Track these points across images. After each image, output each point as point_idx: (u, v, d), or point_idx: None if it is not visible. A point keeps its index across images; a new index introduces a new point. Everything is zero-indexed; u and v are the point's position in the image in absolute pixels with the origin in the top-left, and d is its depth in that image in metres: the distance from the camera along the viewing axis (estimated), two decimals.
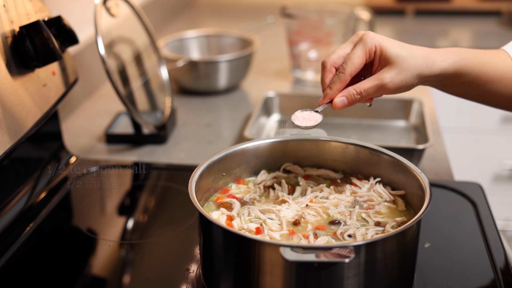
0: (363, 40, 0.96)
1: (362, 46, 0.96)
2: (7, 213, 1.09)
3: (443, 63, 0.98)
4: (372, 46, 0.96)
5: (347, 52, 0.97)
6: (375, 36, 0.96)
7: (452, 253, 1.02)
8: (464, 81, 1.01)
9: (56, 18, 1.12)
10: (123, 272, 1.02)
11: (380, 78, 0.95)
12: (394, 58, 0.95)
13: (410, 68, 0.96)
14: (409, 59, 0.96)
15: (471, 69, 1.00)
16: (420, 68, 0.96)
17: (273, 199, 1.01)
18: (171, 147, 1.46)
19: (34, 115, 1.07)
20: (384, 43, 0.96)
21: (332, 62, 0.97)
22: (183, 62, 1.68)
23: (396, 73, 0.95)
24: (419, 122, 1.49)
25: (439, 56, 0.98)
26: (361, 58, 0.96)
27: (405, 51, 0.96)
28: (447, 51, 0.99)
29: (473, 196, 1.18)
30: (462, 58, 0.99)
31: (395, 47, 0.96)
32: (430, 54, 0.97)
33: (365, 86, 0.96)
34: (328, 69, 0.97)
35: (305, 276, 0.80)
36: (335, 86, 0.96)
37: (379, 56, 0.96)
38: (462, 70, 0.99)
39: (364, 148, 1.03)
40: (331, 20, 1.81)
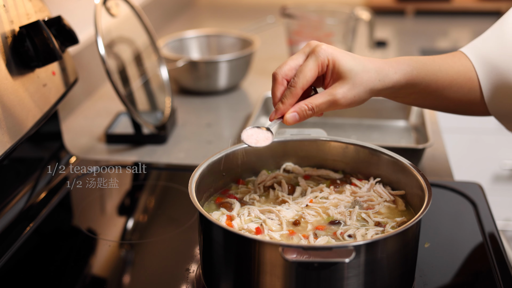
0: (315, 53, 0.92)
1: (314, 58, 0.92)
2: (7, 213, 1.09)
3: (395, 75, 0.96)
4: (325, 59, 0.92)
5: (299, 63, 0.94)
6: (328, 48, 0.92)
7: (452, 253, 1.02)
8: (416, 90, 1.00)
9: (56, 18, 1.12)
10: (123, 272, 1.02)
11: (332, 93, 0.92)
12: (347, 73, 0.92)
13: (363, 83, 0.93)
14: (362, 73, 0.93)
15: (422, 79, 0.98)
16: (373, 82, 0.94)
17: (273, 199, 1.01)
18: (171, 147, 1.46)
19: (34, 115, 1.07)
20: (337, 57, 0.92)
21: (283, 74, 0.93)
22: (183, 62, 1.68)
23: (349, 88, 0.92)
24: (419, 122, 1.49)
25: (391, 68, 0.96)
26: (313, 71, 0.92)
27: (358, 65, 0.93)
28: (398, 62, 0.97)
29: (473, 196, 1.18)
30: (413, 69, 0.97)
31: (348, 60, 0.92)
32: (382, 68, 0.95)
33: (317, 101, 0.93)
34: (279, 81, 0.93)
35: (305, 276, 0.80)
36: (286, 101, 0.93)
37: (331, 69, 0.93)
38: (413, 81, 0.98)
39: (364, 148, 1.03)
40: (331, 20, 1.81)
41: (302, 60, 0.94)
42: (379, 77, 0.94)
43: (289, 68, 0.93)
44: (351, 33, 1.80)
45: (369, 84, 0.94)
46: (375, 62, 0.95)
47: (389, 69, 0.95)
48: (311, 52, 0.93)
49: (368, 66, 0.94)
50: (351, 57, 0.93)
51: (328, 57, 0.92)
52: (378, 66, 0.95)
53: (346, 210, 0.95)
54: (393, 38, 2.29)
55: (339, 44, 1.81)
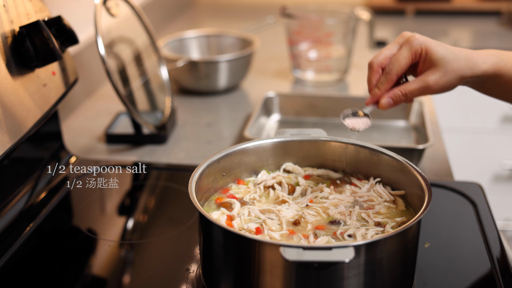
0: (409, 42, 1.00)
1: (408, 47, 1.00)
2: (7, 213, 1.09)
3: (484, 65, 1.01)
4: (418, 48, 0.99)
5: (393, 52, 1.01)
6: (421, 37, 1.00)
7: (452, 253, 1.02)
8: (501, 81, 1.04)
9: (56, 18, 1.12)
10: (123, 272, 1.02)
11: (425, 80, 1.00)
12: (439, 61, 0.99)
13: (454, 71, 0.99)
14: (453, 61, 0.99)
15: (508, 71, 1.03)
16: (463, 70, 1.00)
17: (273, 199, 1.01)
18: (171, 147, 1.46)
19: (34, 115, 1.07)
20: (429, 45, 0.99)
21: (378, 63, 1.01)
22: (183, 62, 1.68)
23: (441, 75, 0.99)
24: (419, 122, 1.49)
25: (480, 58, 1.01)
26: (408, 59, 1.00)
27: (449, 54, 0.99)
28: (487, 53, 1.03)
29: (473, 196, 1.18)
30: (500, 60, 1.02)
31: (439, 49, 0.99)
32: (472, 56, 1.01)
33: (410, 87, 1.00)
34: (375, 69, 1.01)
35: (305, 276, 0.80)
36: (382, 87, 1.01)
37: (424, 57, 1.00)
38: (500, 72, 1.03)
39: (364, 148, 1.03)
40: (331, 20, 1.81)
41: (396, 49, 1.02)
42: (469, 65, 1.00)
43: (384, 57, 1.01)
44: (351, 33, 1.80)
45: (459, 71, 1.00)
46: (464, 51, 1.01)
47: (478, 58, 1.01)
48: (405, 42, 1.01)
49: (459, 55, 1.00)
50: (442, 46, 1.00)
51: (421, 46, 1.00)
52: (468, 55, 1.01)
53: (346, 210, 0.96)
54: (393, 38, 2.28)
55: (339, 44, 1.81)
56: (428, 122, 1.40)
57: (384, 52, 1.02)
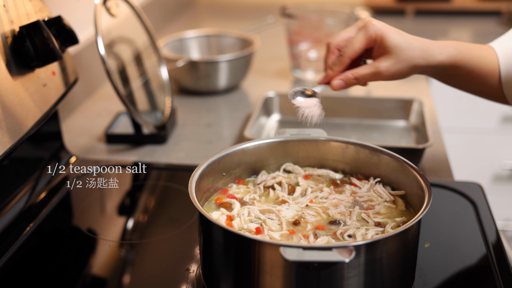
0: (366, 27, 1.01)
1: (364, 32, 1.01)
2: (7, 213, 1.09)
3: (440, 55, 1.02)
4: (373, 33, 1.00)
5: (351, 35, 1.03)
6: (377, 24, 1.01)
7: (452, 253, 1.02)
8: (459, 73, 1.05)
9: (56, 18, 1.12)
10: (123, 272, 1.02)
11: (376, 66, 1.01)
12: (393, 48, 1.00)
13: (406, 59, 1.00)
14: (407, 50, 1.00)
15: (467, 63, 1.04)
16: (417, 60, 1.01)
17: (273, 199, 1.01)
18: (171, 147, 1.46)
19: (34, 115, 1.07)
20: (385, 32, 1.00)
21: (335, 44, 1.03)
22: (183, 62, 1.68)
23: (393, 63, 1.00)
24: (419, 122, 1.49)
25: (437, 48, 1.02)
26: (362, 44, 1.01)
27: (404, 42, 1.00)
28: (445, 44, 1.04)
29: (473, 196, 1.18)
30: (459, 52, 1.03)
31: (395, 37, 1.00)
32: (428, 47, 1.02)
33: (361, 72, 1.02)
34: (332, 50, 1.03)
35: (305, 276, 0.80)
36: (335, 68, 1.02)
37: (379, 44, 1.01)
38: (458, 63, 1.03)
39: (364, 148, 1.03)
40: (331, 20, 1.81)
41: (354, 33, 1.03)
42: (424, 55, 1.01)
43: (341, 39, 1.03)
44: None
45: (413, 61, 1.01)
46: (421, 41, 1.03)
47: (435, 49, 1.02)
48: (362, 27, 1.02)
49: (414, 44, 1.01)
50: (399, 34, 1.01)
51: (376, 32, 1.00)
52: (424, 45, 1.02)
53: (346, 210, 0.95)
54: None
55: None
56: (428, 122, 1.40)
57: (342, 34, 1.03)
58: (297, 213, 0.96)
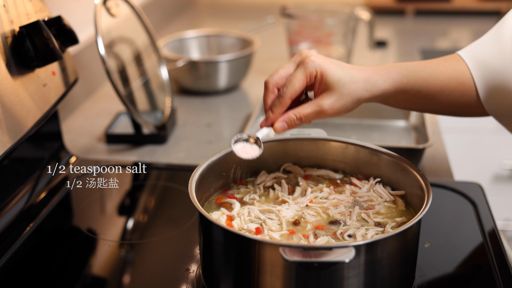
0: (304, 64, 0.95)
1: (303, 70, 0.95)
2: (7, 213, 1.09)
3: (383, 84, 0.98)
4: (313, 70, 0.95)
5: (290, 72, 0.97)
6: (316, 59, 0.95)
7: (452, 253, 1.02)
8: (406, 97, 1.02)
9: (56, 18, 1.12)
10: (123, 272, 1.02)
11: (319, 104, 0.96)
12: (334, 84, 0.95)
13: (350, 94, 0.96)
14: (349, 84, 0.96)
15: (412, 86, 1.00)
16: (360, 93, 0.97)
17: (273, 199, 1.01)
18: (171, 147, 1.46)
19: (34, 115, 1.07)
20: (325, 68, 0.95)
21: (274, 83, 0.96)
22: (183, 62, 1.68)
23: (336, 99, 0.96)
24: (419, 122, 1.49)
25: (380, 77, 0.98)
26: (302, 82, 0.95)
27: (345, 76, 0.95)
28: (388, 71, 0.99)
29: (473, 196, 1.18)
30: (402, 76, 0.99)
31: (335, 72, 0.95)
32: (370, 77, 0.97)
33: (304, 111, 0.96)
34: (271, 89, 0.97)
35: (305, 276, 0.80)
36: (276, 110, 0.96)
37: (319, 80, 0.96)
38: (403, 88, 1.00)
39: (364, 148, 1.03)
40: (331, 20, 1.81)
41: (292, 69, 0.97)
42: (367, 87, 0.97)
43: (280, 77, 0.97)
44: (351, 33, 1.80)
45: (356, 94, 0.96)
46: (363, 71, 0.97)
47: (377, 78, 0.98)
48: (301, 63, 0.96)
49: (356, 76, 0.96)
50: (339, 67, 0.96)
51: (316, 69, 0.95)
52: (366, 76, 0.97)
53: (346, 210, 0.95)
54: (393, 38, 2.29)
55: (339, 44, 1.81)
56: (428, 122, 1.40)
57: (280, 71, 0.97)
58: (297, 213, 0.96)
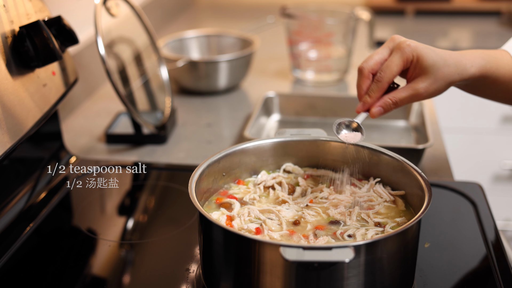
0: (401, 48, 0.98)
1: (400, 54, 0.97)
2: (7, 213, 1.09)
3: (471, 68, 1.01)
4: (410, 55, 0.97)
5: (384, 58, 0.99)
6: (412, 43, 0.98)
7: (452, 253, 1.02)
8: (486, 83, 1.05)
9: (56, 18, 1.12)
10: (123, 272, 1.02)
11: (415, 88, 0.98)
12: (429, 68, 0.98)
13: (443, 77, 0.99)
14: (443, 68, 0.98)
15: (493, 72, 1.03)
16: (453, 76, 0.99)
17: (273, 199, 1.01)
18: (171, 147, 1.46)
19: (34, 115, 1.07)
20: (421, 52, 0.97)
21: (369, 69, 0.99)
22: (183, 62, 1.68)
23: (431, 82, 0.98)
24: (419, 122, 1.49)
25: (468, 61, 1.01)
26: (399, 66, 0.98)
27: (439, 60, 0.98)
28: (474, 56, 1.02)
29: (473, 196, 1.18)
30: (486, 62, 1.02)
31: (430, 56, 0.98)
32: (461, 61, 1.00)
33: (400, 95, 0.99)
34: (366, 75, 0.99)
35: (305, 276, 0.80)
36: (374, 94, 0.99)
37: (415, 64, 0.98)
38: (486, 74, 1.03)
39: (364, 148, 1.03)
40: (331, 20, 1.81)
41: (386, 54, 1.00)
42: (458, 70, 1.00)
43: (375, 62, 0.99)
44: (351, 33, 1.80)
45: (449, 77, 0.99)
46: (454, 56, 1.00)
47: (466, 62, 1.01)
48: (397, 48, 0.98)
49: (449, 60, 0.99)
50: (433, 52, 0.99)
51: (412, 53, 0.98)
52: (457, 60, 1.00)
53: (346, 210, 0.95)
54: None
55: (339, 44, 1.81)
56: (428, 122, 1.40)
57: (375, 57, 0.99)
58: (297, 213, 0.96)
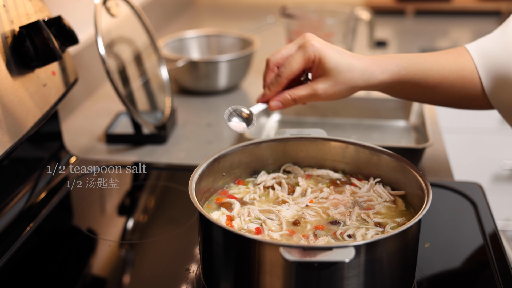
0: (304, 48, 0.97)
1: (302, 53, 0.97)
2: (7, 213, 1.09)
3: (381, 75, 0.99)
4: (312, 55, 0.96)
5: (291, 53, 0.99)
6: (316, 44, 0.97)
7: (452, 253, 1.02)
8: (404, 87, 1.03)
9: (56, 18, 1.12)
10: (123, 272, 1.02)
11: (314, 88, 0.98)
12: (331, 70, 0.97)
13: (345, 81, 0.97)
14: (346, 72, 0.97)
15: (411, 78, 1.01)
16: (356, 82, 0.98)
17: (273, 199, 1.01)
18: (171, 147, 1.46)
19: (34, 115, 1.07)
20: (324, 54, 0.96)
21: (275, 62, 0.99)
22: (183, 62, 1.68)
23: (331, 85, 0.97)
24: (419, 122, 1.49)
25: (378, 68, 0.99)
26: (299, 65, 0.97)
27: (343, 64, 0.97)
28: (387, 62, 1.00)
29: (473, 196, 1.18)
30: (401, 68, 1.00)
31: (334, 59, 0.96)
32: (369, 67, 0.98)
33: (299, 93, 0.99)
34: (271, 68, 0.99)
35: (305, 276, 0.80)
36: (273, 88, 0.99)
37: (317, 65, 0.97)
38: (401, 80, 1.01)
39: (364, 148, 1.03)
40: (331, 20, 1.81)
41: (294, 50, 0.99)
42: (363, 77, 0.98)
43: (281, 56, 0.99)
44: (351, 33, 1.80)
45: (351, 83, 0.98)
46: (362, 61, 0.99)
47: (375, 68, 0.99)
48: (302, 46, 0.98)
49: (354, 65, 0.98)
50: (338, 55, 0.97)
51: (315, 53, 0.97)
52: (364, 66, 0.98)
53: (346, 210, 0.95)
54: (393, 38, 2.29)
55: (339, 44, 1.81)
56: (428, 122, 1.40)
57: (282, 51, 0.99)
58: (297, 213, 0.96)
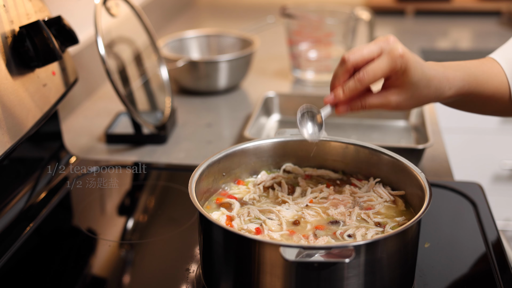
0: (392, 56, 0.91)
1: (390, 62, 0.91)
2: (7, 213, 1.09)
3: (449, 91, 0.99)
4: (399, 66, 0.91)
5: (372, 55, 0.92)
6: (405, 55, 0.91)
7: (452, 253, 1.02)
8: (465, 100, 1.04)
9: (56, 18, 1.12)
10: (123, 272, 1.02)
11: (388, 99, 0.95)
12: (411, 85, 0.94)
13: (420, 97, 0.96)
14: (423, 89, 0.95)
15: (471, 92, 1.02)
16: (430, 98, 0.98)
17: (273, 199, 1.01)
18: (171, 147, 1.46)
19: (34, 115, 1.07)
20: (410, 67, 0.92)
21: (354, 62, 0.91)
22: (183, 62, 1.68)
23: (406, 98, 0.95)
24: (419, 122, 1.49)
25: (448, 83, 0.98)
26: (385, 74, 0.92)
27: (423, 80, 0.94)
28: (454, 78, 0.98)
29: (473, 196, 1.18)
30: (465, 84, 1.00)
31: (417, 73, 0.93)
32: (441, 83, 0.97)
33: (371, 102, 0.95)
34: (349, 68, 0.92)
35: (305, 276, 0.80)
36: (349, 93, 0.92)
37: (399, 76, 0.93)
38: (464, 94, 1.01)
39: (364, 148, 1.03)
40: (331, 20, 1.81)
41: (376, 53, 0.92)
42: (436, 94, 0.97)
43: (362, 58, 0.92)
44: (351, 33, 1.80)
45: (426, 99, 0.97)
46: (438, 77, 0.96)
47: (446, 84, 0.97)
48: (388, 53, 0.91)
49: (432, 81, 0.95)
50: (421, 69, 0.93)
51: (402, 65, 0.92)
52: (438, 82, 0.96)
53: (346, 210, 0.95)
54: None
55: (339, 44, 1.81)
56: (428, 122, 1.40)
57: (364, 52, 0.91)
58: (297, 213, 0.96)
